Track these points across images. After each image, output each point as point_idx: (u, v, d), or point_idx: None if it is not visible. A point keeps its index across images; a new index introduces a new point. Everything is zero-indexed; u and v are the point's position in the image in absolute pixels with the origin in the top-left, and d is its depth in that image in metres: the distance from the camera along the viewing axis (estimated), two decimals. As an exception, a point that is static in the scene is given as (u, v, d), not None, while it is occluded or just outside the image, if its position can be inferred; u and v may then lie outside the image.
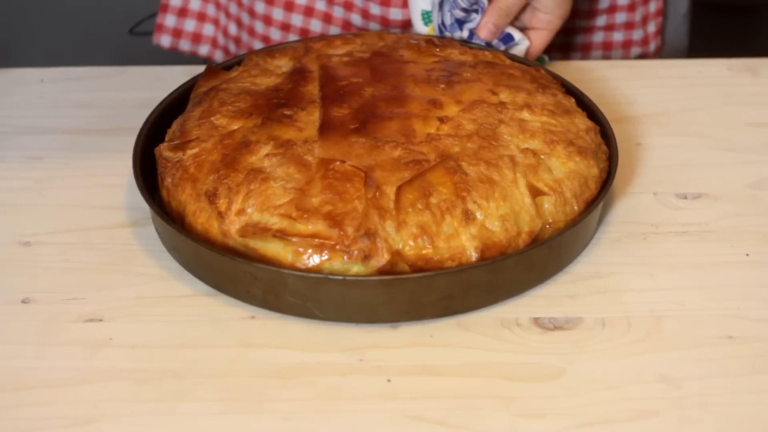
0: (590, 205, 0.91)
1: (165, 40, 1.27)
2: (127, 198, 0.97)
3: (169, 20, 1.26)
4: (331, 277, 0.84)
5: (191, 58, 1.24)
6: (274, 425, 0.79)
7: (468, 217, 0.87)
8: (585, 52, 1.24)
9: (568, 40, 1.23)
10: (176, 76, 1.09)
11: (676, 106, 1.09)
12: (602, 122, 0.98)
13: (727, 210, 0.97)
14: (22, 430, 0.79)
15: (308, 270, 0.85)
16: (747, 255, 0.92)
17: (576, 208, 0.90)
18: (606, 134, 0.97)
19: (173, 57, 1.26)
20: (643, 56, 1.25)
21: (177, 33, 1.27)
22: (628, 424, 0.79)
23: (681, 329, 0.86)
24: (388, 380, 0.82)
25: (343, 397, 0.81)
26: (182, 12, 1.26)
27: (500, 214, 0.87)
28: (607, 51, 1.24)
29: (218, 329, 0.86)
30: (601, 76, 1.12)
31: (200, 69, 1.06)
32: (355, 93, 0.97)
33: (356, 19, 1.20)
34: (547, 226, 0.89)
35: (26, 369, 0.83)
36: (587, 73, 1.05)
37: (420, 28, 1.12)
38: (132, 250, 0.93)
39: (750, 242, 0.93)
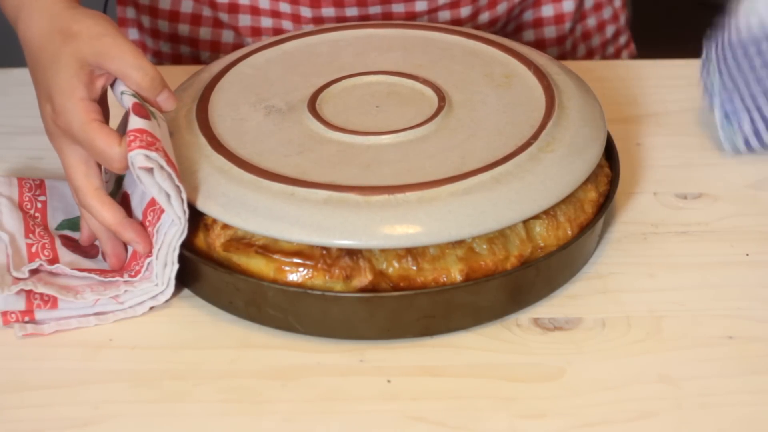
0: (585, 229, 0.89)
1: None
2: (127, 199, 0.96)
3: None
4: (311, 292, 0.83)
5: (192, 58, 1.24)
6: (275, 426, 0.79)
7: None
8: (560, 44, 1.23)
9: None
10: (176, 75, 1.09)
11: (676, 106, 1.09)
12: (610, 147, 0.96)
13: (727, 210, 0.97)
14: None
15: (289, 284, 0.85)
16: (747, 255, 0.92)
17: (569, 231, 0.88)
18: (612, 157, 0.96)
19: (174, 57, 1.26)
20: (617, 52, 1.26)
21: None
22: (628, 424, 0.79)
23: (681, 329, 0.86)
24: (389, 381, 0.82)
25: (344, 398, 0.81)
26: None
27: (488, 236, 0.85)
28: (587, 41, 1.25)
29: (218, 330, 0.86)
30: (601, 76, 1.12)
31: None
32: None
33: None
34: (539, 250, 0.87)
35: (26, 370, 0.84)
36: (587, 73, 1.04)
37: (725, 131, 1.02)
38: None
39: (750, 242, 0.93)
